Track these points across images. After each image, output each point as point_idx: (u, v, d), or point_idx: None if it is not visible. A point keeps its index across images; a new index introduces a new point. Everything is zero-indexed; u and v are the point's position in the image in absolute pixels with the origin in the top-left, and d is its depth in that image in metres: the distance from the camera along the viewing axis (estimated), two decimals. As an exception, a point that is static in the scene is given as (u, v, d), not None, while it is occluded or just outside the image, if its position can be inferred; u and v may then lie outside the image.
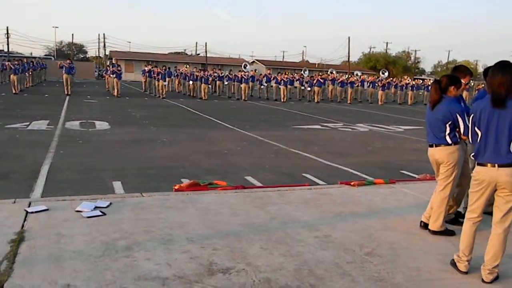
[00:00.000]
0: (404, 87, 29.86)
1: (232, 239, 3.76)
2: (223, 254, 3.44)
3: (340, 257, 3.53)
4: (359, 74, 31.25)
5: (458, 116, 3.97)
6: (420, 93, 31.10)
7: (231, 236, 3.84)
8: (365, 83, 29.38)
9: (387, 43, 76.46)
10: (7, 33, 53.32)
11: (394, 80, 32.03)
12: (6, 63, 27.91)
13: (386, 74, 29.81)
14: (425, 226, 4.29)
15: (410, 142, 11.09)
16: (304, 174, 6.80)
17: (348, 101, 26.48)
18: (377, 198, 5.34)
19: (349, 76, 30.20)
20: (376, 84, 28.43)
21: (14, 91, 21.14)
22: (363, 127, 13.98)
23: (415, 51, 78.05)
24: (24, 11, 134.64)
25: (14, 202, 4.53)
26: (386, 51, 75.77)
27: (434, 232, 4.15)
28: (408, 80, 31.23)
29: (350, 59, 61.09)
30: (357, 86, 28.55)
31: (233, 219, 4.33)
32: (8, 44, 54.15)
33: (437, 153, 4.13)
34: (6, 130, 9.85)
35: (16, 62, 23.57)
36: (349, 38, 57.41)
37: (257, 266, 3.27)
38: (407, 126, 14.66)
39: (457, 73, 4.30)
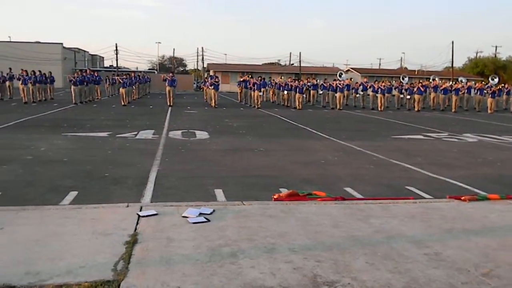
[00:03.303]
0: (517, 94, 27.24)
1: (335, 252, 3.67)
2: (327, 267, 3.35)
3: (454, 276, 3.27)
4: (464, 80, 29.15)
5: None
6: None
7: (334, 249, 3.74)
8: (472, 90, 27.31)
9: (496, 46, 70.38)
10: (116, 49, 58.29)
11: (506, 86, 29.36)
12: (116, 77, 30.55)
13: (496, 80, 27.38)
14: (553, 248, 3.82)
15: (527, 154, 10.05)
16: (407, 187, 6.45)
17: (453, 110, 24.79)
18: (492, 215, 4.88)
19: (453, 82, 28.33)
20: (485, 91, 26.28)
21: (122, 103, 23.01)
22: (471, 137, 12.97)
23: (530, 54, 71.02)
24: (131, 28, 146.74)
25: (127, 206, 4.87)
26: (495, 56, 70.06)
27: None
28: (522, 86, 28.42)
29: (454, 65, 57.36)
30: (463, 93, 26.63)
31: (335, 231, 4.22)
32: (117, 60, 59.23)
33: None
34: (118, 139, 10.70)
35: (124, 76, 25.64)
36: (452, 42, 53.93)
37: (363, 281, 3.13)
38: (522, 136, 13.32)
39: None
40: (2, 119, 14.24)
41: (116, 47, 58.07)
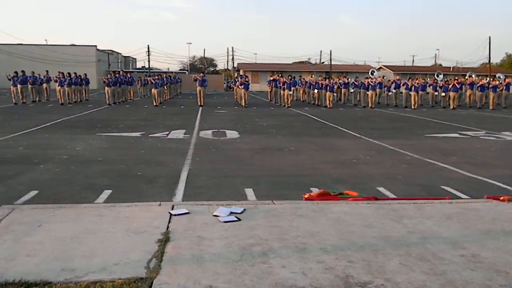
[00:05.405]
0: (559, 90, 26.09)
1: (367, 252, 3.60)
2: (359, 267, 3.29)
3: (492, 279, 3.15)
4: (502, 76, 28.16)
5: None
6: None
7: (366, 249, 3.67)
8: (511, 87, 26.33)
9: (535, 41, 67.94)
10: (148, 51, 59.34)
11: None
12: (148, 78, 31.11)
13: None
14: None
15: None
16: (442, 187, 6.28)
17: (490, 107, 23.99)
18: (534, 216, 4.68)
19: (491, 79, 27.42)
20: (524, 88, 25.32)
21: (154, 103, 23.40)
22: (510, 135, 12.51)
23: None
24: (162, 30, 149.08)
25: (160, 204, 4.93)
26: (534, 51, 67.47)
27: None
28: None
29: (491, 61, 55.47)
30: (501, 90, 25.73)
31: (367, 231, 4.15)
32: (149, 61, 60.34)
33: None
34: (150, 139, 10.88)
35: (156, 77, 26.08)
36: (489, 38, 52.30)
37: (397, 282, 3.06)
38: None
39: None
40: (40, 120, 14.73)
41: (148, 49, 59.18)
